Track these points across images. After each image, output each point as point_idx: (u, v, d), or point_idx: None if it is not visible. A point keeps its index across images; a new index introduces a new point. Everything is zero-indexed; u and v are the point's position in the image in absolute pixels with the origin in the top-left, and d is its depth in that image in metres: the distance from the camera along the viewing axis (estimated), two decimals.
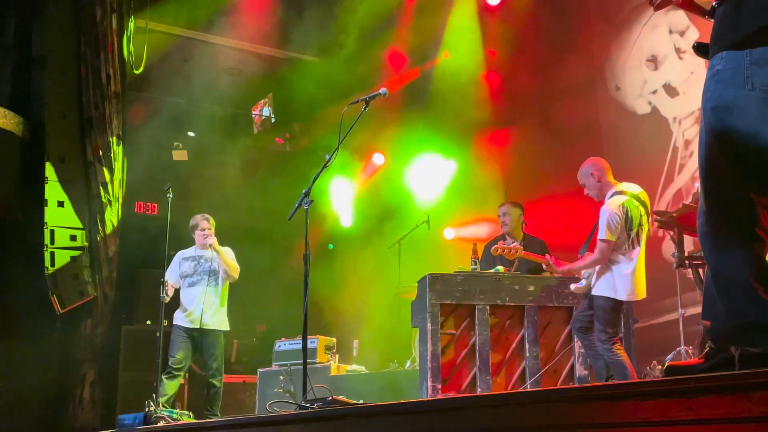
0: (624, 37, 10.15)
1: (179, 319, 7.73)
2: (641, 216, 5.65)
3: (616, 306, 5.60)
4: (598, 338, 5.59)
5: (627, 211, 5.63)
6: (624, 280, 5.57)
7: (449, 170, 10.96)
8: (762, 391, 1.80)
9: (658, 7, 2.90)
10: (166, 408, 6.89)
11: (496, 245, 6.29)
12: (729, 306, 2.56)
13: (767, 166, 2.55)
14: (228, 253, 7.82)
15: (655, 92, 9.58)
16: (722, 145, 2.58)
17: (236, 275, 7.81)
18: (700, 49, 2.77)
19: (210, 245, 7.71)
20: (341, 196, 11.58)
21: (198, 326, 7.64)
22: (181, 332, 7.67)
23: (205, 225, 7.82)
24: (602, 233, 5.61)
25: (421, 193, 11.05)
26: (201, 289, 7.70)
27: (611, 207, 5.65)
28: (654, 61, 9.64)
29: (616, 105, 10.27)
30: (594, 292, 5.69)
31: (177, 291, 7.80)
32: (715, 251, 2.62)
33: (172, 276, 7.78)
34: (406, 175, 11.29)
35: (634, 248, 5.61)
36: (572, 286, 6.05)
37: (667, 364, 2.66)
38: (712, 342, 2.59)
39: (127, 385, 9.12)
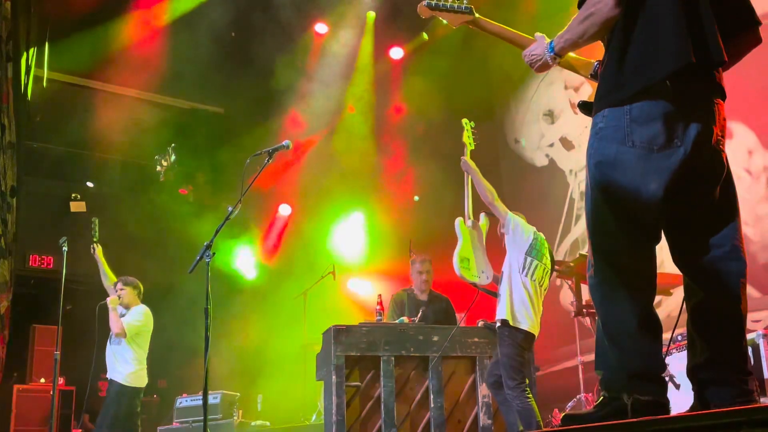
0: (522, 92, 10.51)
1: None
2: (545, 254, 5.76)
3: (519, 347, 5.59)
4: (507, 386, 5.58)
5: (536, 238, 5.76)
6: (521, 305, 5.63)
7: (356, 221, 11.01)
8: None
9: (539, 70, 3.03)
10: None
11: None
12: (619, 356, 2.63)
13: (649, 219, 2.67)
14: (130, 314, 7.55)
15: (552, 145, 9.92)
16: (607, 199, 2.69)
17: (118, 332, 7.44)
18: (584, 107, 2.90)
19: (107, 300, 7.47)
20: (246, 249, 11.47)
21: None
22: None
23: (118, 286, 7.64)
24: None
25: (335, 245, 11.04)
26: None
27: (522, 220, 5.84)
28: (551, 116, 10.00)
29: (515, 157, 10.57)
30: (498, 325, 5.68)
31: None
32: (604, 302, 2.71)
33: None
34: (313, 226, 11.28)
35: (527, 276, 5.68)
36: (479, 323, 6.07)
37: (563, 414, 2.71)
38: (605, 391, 2.66)
39: None
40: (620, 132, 2.65)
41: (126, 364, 7.46)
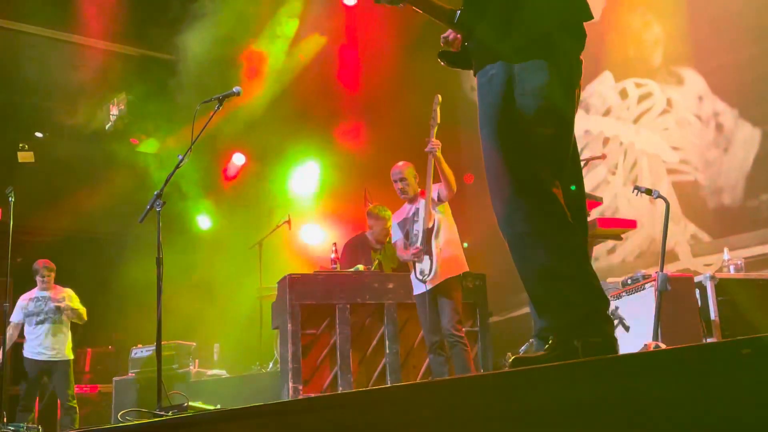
0: None
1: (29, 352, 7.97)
2: None
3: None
4: (454, 328, 5.58)
5: None
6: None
7: (311, 169, 10.87)
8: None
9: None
10: (13, 423, 6.55)
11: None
12: (565, 299, 2.60)
13: (566, 152, 2.74)
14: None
15: None
16: (535, 130, 2.67)
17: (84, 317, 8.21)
18: (446, 56, 3.06)
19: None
20: (200, 197, 11.33)
21: (47, 359, 7.92)
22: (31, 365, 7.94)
23: (44, 273, 8.05)
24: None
25: (290, 193, 10.95)
26: (48, 326, 7.93)
27: None
28: None
29: (471, 104, 10.51)
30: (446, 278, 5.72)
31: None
32: (536, 247, 2.64)
33: (15, 317, 7.97)
34: (267, 174, 11.16)
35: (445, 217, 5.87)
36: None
37: (512, 357, 2.70)
38: (554, 335, 2.62)
39: None
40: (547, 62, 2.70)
41: None
